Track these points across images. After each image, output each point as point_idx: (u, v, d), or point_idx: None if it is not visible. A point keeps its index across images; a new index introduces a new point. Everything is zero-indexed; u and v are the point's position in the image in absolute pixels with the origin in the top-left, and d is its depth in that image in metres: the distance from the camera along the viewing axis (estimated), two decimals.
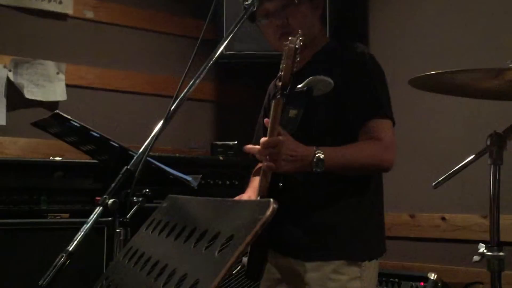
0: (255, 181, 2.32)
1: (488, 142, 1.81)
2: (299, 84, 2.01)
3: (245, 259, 2.11)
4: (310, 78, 1.86)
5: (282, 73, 1.80)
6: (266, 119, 1.97)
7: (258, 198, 2.09)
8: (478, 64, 2.43)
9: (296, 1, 2.12)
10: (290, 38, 1.82)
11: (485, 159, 1.88)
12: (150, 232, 1.26)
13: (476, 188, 3.19)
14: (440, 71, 1.77)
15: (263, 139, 1.91)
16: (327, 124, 2.08)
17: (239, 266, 2.17)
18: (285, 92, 1.80)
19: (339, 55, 2.13)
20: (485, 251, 1.80)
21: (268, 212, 0.68)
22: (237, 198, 2.21)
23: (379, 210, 2.20)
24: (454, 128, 3.40)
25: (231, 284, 3.02)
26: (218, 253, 0.71)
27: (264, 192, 2.03)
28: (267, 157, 1.90)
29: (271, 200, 0.72)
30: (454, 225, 3.45)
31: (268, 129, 1.90)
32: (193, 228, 0.88)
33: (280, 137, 1.87)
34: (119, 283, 1.11)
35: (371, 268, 2.07)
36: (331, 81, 1.85)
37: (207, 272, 0.74)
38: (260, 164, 2.42)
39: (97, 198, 1.65)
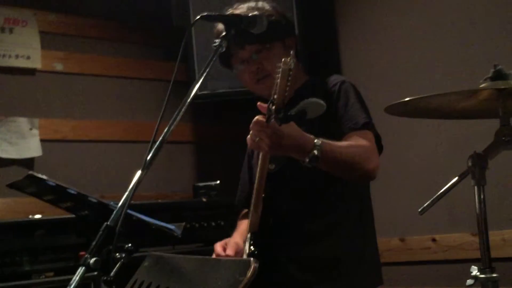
0: (243, 225, 2.30)
1: (470, 163, 1.80)
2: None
3: None
4: (303, 101, 1.81)
5: (276, 96, 1.77)
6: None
7: (248, 235, 2.06)
8: (452, 86, 2.44)
9: (268, 46, 2.15)
10: (283, 59, 1.78)
11: (469, 180, 1.88)
12: None
13: (464, 206, 3.18)
14: (415, 97, 1.76)
15: (255, 119, 1.87)
16: None
17: None
18: (279, 116, 1.76)
19: (320, 87, 2.16)
20: (478, 273, 1.77)
21: (249, 273, 0.67)
22: (222, 242, 2.17)
23: (374, 237, 2.21)
24: (435, 150, 3.42)
25: None
26: None
27: (255, 228, 2.02)
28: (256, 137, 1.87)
29: (252, 259, 0.70)
30: (445, 245, 3.44)
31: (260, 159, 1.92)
32: None
33: (271, 124, 1.82)
34: None
35: None
36: (324, 103, 1.81)
37: None
38: (246, 210, 2.39)
39: (82, 253, 1.62)
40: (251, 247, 2.02)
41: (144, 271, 1.28)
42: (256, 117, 1.87)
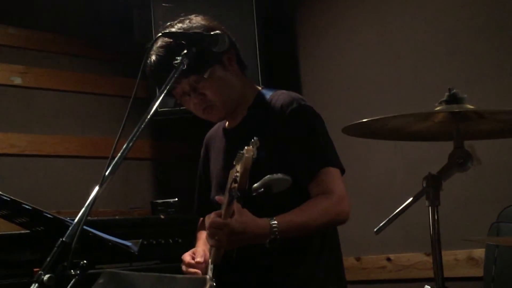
0: (202, 235, 2.27)
1: (424, 184, 1.82)
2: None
3: None
4: (266, 177, 1.79)
5: (238, 179, 1.74)
6: (218, 197, 1.93)
7: (211, 266, 1.99)
8: (408, 107, 2.48)
9: (205, 75, 2.07)
10: (246, 147, 1.73)
11: (424, 200, 1.90)
12: None
13: (419, 227, 3.21)
14: (372, 118, 1.78)
15: (211, 220, 1.86)
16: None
17: None
18: (244, 194, 1.77)
19: (274, 106, 2.10)
20: None
21: None
22: (190, 252, 2.15)
23: (339, 265, 2.21)
24: (392, 171, 3.45)
25: None
26: None
27: (218, 260, 1.96)
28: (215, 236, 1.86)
29: (207, 277, 0.69)
30: (399, 264, 3.47)
31: (224, 210, 1.85)
32: None
33: (224, 221, 1.82)
34: None
35: None
36: (289, 178, 1.80)
37: None
38: (205, 217, 2.37)
39: (36, 269, 1.59)
40: (214, 282, 1.99)
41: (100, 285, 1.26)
42: (212, 217, 1.87)
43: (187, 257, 2.11)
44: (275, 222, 1.88)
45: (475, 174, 3.06)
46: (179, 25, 2.13)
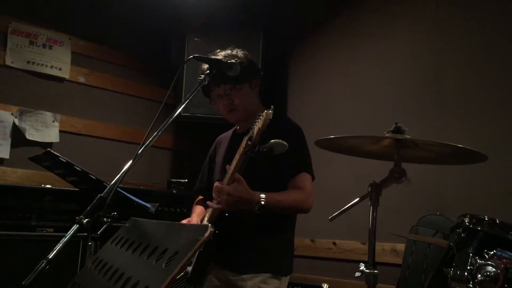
0: (197, 209, 2.28)
1: (369, 189, 1.81)
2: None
3: (189, 268, 2.03)
4: (271, 141, 1.81)
5: (254, 136, 1.76)
6: (227, 165, 1.94)
7: (206, 222, 2.03)
8: (364, 132, 2.47)
9: (237, 87, 2.12)
10: (265, 111, 1.78)
11: (367, 202, 1.88)
12: (114, 246, 1.18)
13: (359, 221, 3.22)
14: (336, 136, 1.78)
15: (216, 184, 1.89)
16: (266, 175, 2.04)
17: (183, 273, 2.09)
18: (254, 150, 1.78)
19: (277, 124, 2.05)
20: (364, 269, 1.78)
21: (206, 234, 0.64)
22: (184, 221, 2.14)
23: (293, 239, 2.19)
24: (346, 178, 3.45)
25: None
26: (165, 265, 0.66)
27: (214, 218, 1.99)
28: (218, 197, 1.87)
29: (209, 224, 0.68)
30: (342, 248, 3.46)
31: (229, 175, 1.88)
32: (147, 245, 0.82)
33: (227, 186, 1.85)
34: (85, 286, 1.03)
35: (285, 282, 2.07)
36: (286, 144, 1.82)
37: (155, 280, 0.69)
38: (200, 197, 2.37)
39: (77, 217, 1.56)
40: None
41: (125, 230, 1.24)
42: (216, 184, 1.92)
43: (184, 222, 2.11)
44: (263, 195, 1.90)
45: (405, 189, 3.06)
46: (223, 52, 2.16)
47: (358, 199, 1.88)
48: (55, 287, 1.64)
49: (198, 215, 2.20)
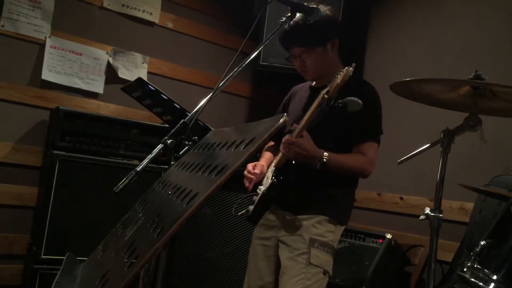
0: (266, 154, 2.31)
1: (441, 135, 1.78)
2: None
3: (251, 207, 2.09)
4: (347, 98, 1.79)
5: (331, 89, 1.76)
6: (295, 125, 1.94)
7: (273, 169, 2.07)
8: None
9: (309, 50, 2.09)
10: (346, 68, 1.76)
11: (437, 157, 1.82)
12: (177, 169, 1.23)
13: (427, 176, 3.15)
14: (411, 78, 1.74)
15: (285, 138, 1.91)
16: (336, 133, 2.05)
17: (244, 211, 2.16)
18: (330, 103, 1.78)
19: (355, 84, 2.02)
20: (429, 212, 1.77)
21: (281, 121, 0.68)
22: (250, 164, 2.17)
23: (353, 192, 2.19)
24: (417, 132, 3.36)
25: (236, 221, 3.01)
26: (243, 149, 0.70)
27: (281, 164, 2.03)
28: (286, 148, 1.91)
29: (284, 114, 0.71)
30: (408, 203, 3.41)
31: (299, 129, 1.89)
32: (219, 142, 0.86)
33: (295, 140, 1.88)
34: (150, 200, 1.12)
35: (339, 230, 2.08)
36: (361, 103, 1.79)
37: (204, 187, 0.71)
38: (271, 143, 2.40)
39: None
40: (273, 178, 2.04)
41: (189, 155, 1.30)
42: (286, 136, 1.91)
43: (249, 166, 2.16)
44: (327, 153, 1.91)
45: (478, 146, 2.95)
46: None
47: (429, 144, 1.85)
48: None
49: (266, 160, 2.24)
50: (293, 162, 2.00)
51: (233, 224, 3.02)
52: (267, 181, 2.06)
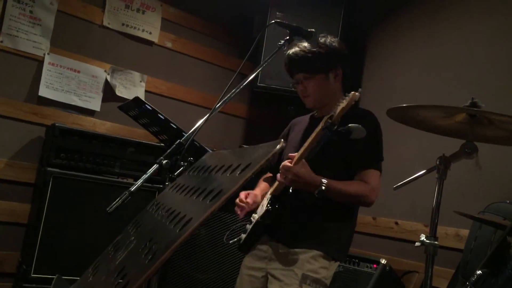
0: (262, 184, 2.28)
1: (437, 162, 1.77)
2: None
3: (243, 235, 2.06)
4: (351, 124, 1.76)
5: (335, 115, 1.74)
6: (291, 154, 1.90)
7: (269, 196, 2.04)
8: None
9: (311, 76, 2.09)
10: (352, 92, 1.75)
11: (433, 183, 1.81)
12: (171, 191, 1.22)
13: (423, 203, 3.13)
14: (408, 104, 1.74)
15: (283, 163, 1.88)
16: (336, 160, 2.02)
17: (236, 239, 2.13)
18: (333, 128, 1.76)
19: (356, 112, 2.02)
20: (424, 239, 1.75)
21: (278, 146, 0.67)
22: (246, 192, 2.13)
23: (353, 227, 2.14)
24: (413, 157, 3.36)
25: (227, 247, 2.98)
26: (238, 174, 0.69)
27: (278, 191, 2.00)
28: (284, 175, 1.88)
29: (282, 140, 0.70)
30: (404, 228, 3.39)
31: (299, 154, 1.86)
32: (215, 165, 0.86)
33: (292, 165, 1.84)
34: (143, 223, 1.10)
35: (333, 266, 2.01)
36: (365, 131, 1.77)
37: (198, 212, 0.71)
38: (268, 174, 2.37)
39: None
40: (269, 205, 2.01)
41: (184, 177, 1.29)
42: (284, 162, 1.88)
43: (242, 194, 2.11)
44: (325, 180, 1.87)
45: (473, 173, 2.94)
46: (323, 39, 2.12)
47: (425, 171, 1.83)
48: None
49: (261, 190, 2.19)
50: (290, 190, 1.97)
51: (227, 246, 2.99)
52: (262, 209, 2.02)
